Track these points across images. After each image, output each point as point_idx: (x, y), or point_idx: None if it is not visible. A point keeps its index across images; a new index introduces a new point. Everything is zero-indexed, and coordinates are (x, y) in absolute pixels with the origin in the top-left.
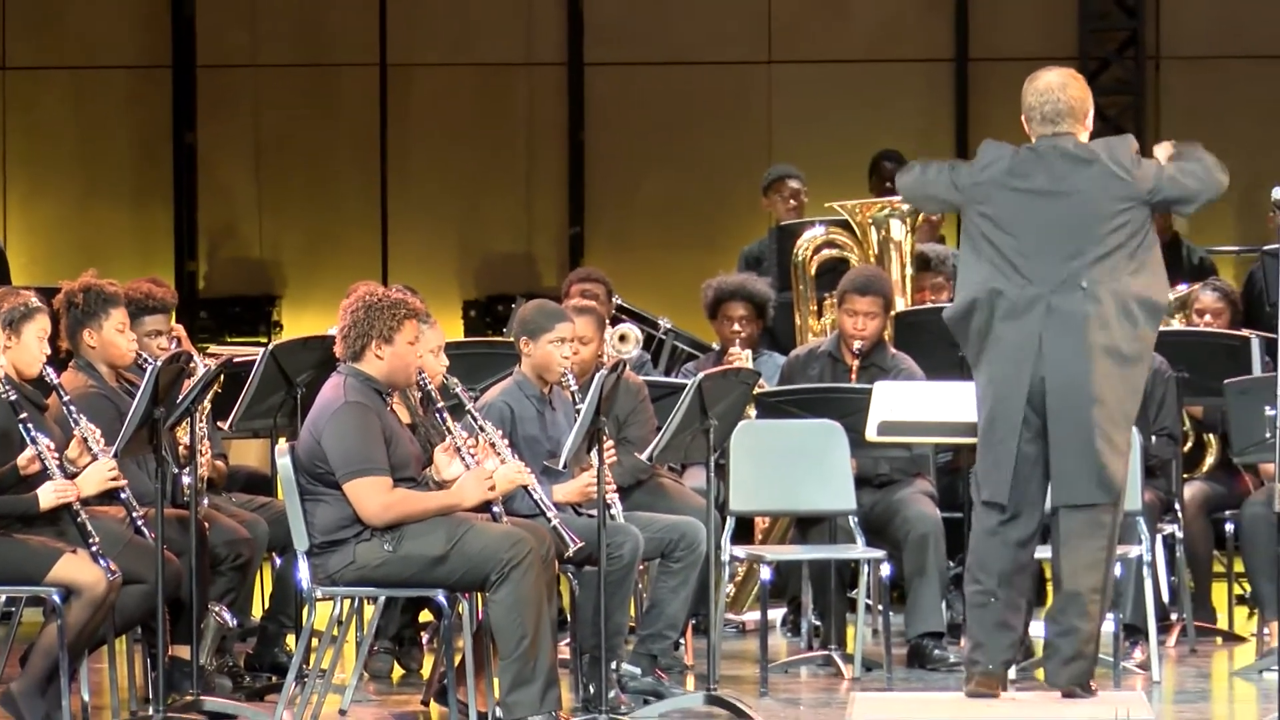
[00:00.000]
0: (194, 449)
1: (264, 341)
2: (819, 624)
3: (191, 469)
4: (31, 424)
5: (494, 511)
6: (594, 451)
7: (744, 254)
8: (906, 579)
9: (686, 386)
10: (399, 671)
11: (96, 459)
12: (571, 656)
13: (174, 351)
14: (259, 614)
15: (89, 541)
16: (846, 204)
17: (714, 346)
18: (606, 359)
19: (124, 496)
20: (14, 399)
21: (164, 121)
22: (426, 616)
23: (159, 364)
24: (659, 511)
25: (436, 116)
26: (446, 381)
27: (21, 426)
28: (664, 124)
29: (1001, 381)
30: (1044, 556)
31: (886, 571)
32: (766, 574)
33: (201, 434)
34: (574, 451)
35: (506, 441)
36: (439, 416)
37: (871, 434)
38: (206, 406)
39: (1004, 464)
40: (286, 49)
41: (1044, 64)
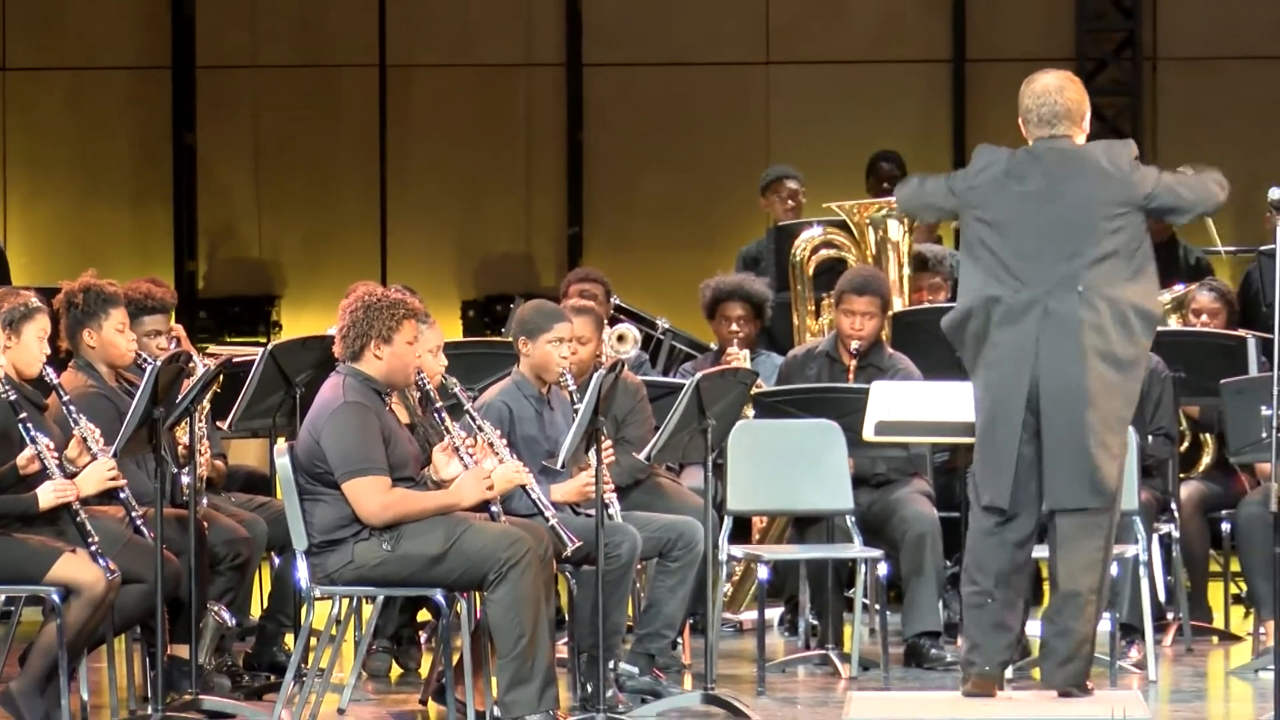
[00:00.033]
0: (193, 449)
1: (263, 341)
2: (816, 623)
3: (191, 469)
4: (31, 424)
5: (492, 511)
6: (592, 451)
7: (742, 254)
8: (903, 578)
9: (684, 386)
10: (397, 670)
11: (96, 459)
12: (569, 656)
13: (173, 351)
14: (258, 613)
15: (88, 541)
16: (844, 204)
17: (712, 346)
18: (605, 359)
19: (123, 496)
20: (14, 399)
21: (164, 122)
22: (425, 616)
23: (158, 364)
24: (657, 511)
25: (436, 117)
26: (445, 381)
27: (21, 426)
28: (663, 125)
29: (1000, 385)
30: (1041, 556)
31: (884, 571)
32: (764, 573)
33: (201, 434)
34: (572, 451)
35: (505, 441)
36: (437, 416)
37: (869, 434)
38: (206, 406)
39: (1005, 469)
40: (286, 50)
41: (1041, 65)
